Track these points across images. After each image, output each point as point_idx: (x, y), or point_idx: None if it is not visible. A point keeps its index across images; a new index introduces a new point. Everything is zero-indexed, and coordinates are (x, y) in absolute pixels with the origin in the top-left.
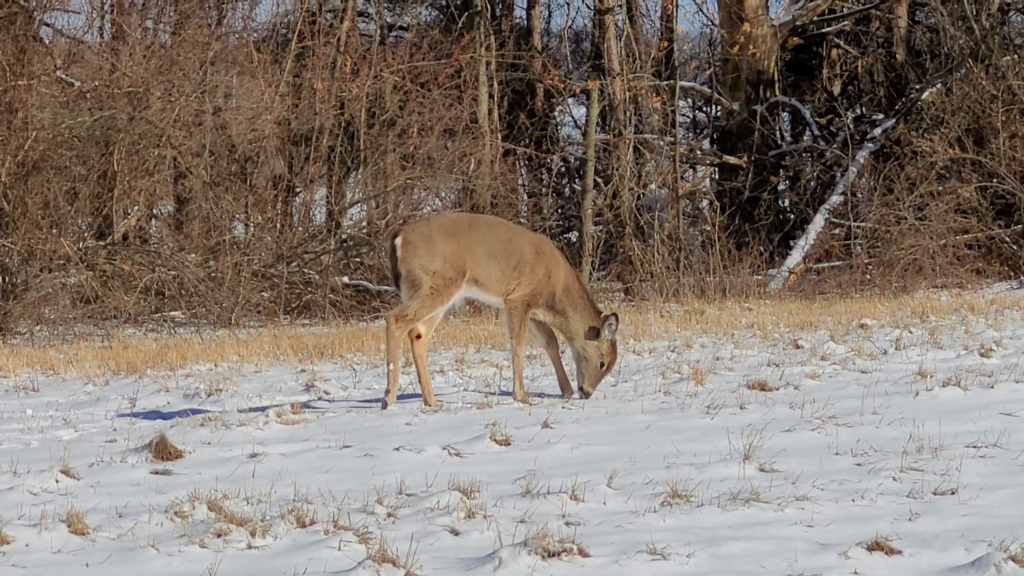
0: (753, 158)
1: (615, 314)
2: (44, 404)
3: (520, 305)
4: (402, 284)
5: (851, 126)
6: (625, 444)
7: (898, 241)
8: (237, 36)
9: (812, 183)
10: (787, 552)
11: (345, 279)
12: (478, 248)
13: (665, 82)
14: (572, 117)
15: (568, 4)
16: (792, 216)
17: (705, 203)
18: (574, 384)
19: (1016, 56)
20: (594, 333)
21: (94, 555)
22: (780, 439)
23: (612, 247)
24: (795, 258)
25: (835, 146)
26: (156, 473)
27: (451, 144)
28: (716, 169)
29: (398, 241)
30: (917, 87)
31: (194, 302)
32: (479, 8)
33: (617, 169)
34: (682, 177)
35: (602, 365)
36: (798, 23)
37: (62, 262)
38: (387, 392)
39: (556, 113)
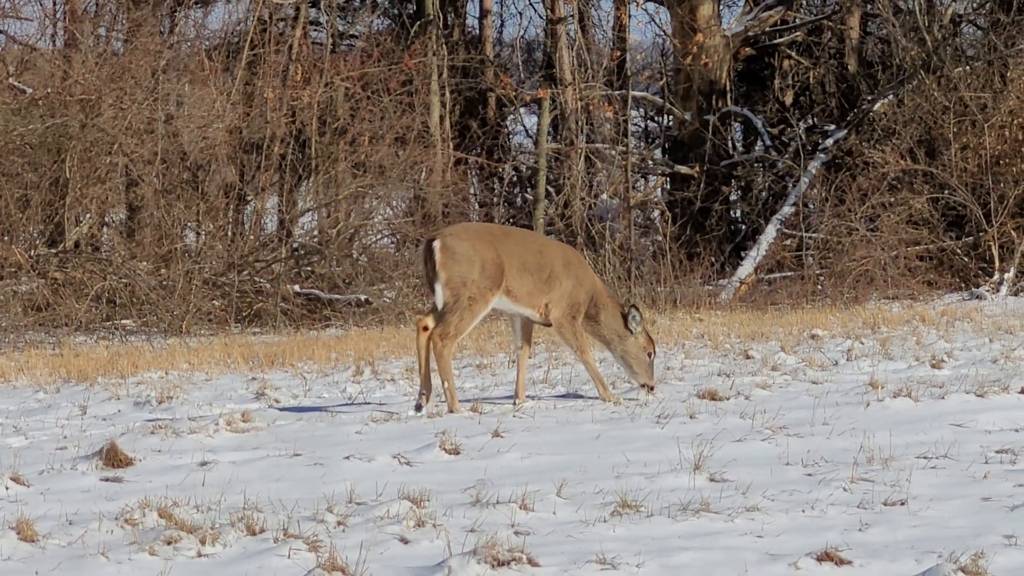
0: (705, 168)
1: (633, 305)
2: None
3: (566, 321)
4: (438, 289)
5: (803, 137)
6: (575, 454)
7: (849, 252)
8: (189, 44)
9: (764, 193)
10: (737, 562)
11: (296, 288)
12: (513, 259)
13: (617, 92)
14: (524, 126)
15: (520, 13)
16: (743, 226)
17: (656, 213)
18: (524, 391)
19: (968, 67)
20: (624, 324)
21: (44, 562)
22: (730, 449)
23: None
24: (746, 268)
25: (787, 156)
26: (106, 480)
27: (402, 152)
28: (668, 179)
29: (436, 245)
30: (869, 98)
31: (145, 310)
32: (431, 16)
33: (569, 179)
34: (634, 187)
35: (649, 356)
36: (750, 34)
37: (13, 270)
38: (450, 411)
39: (508, 122)
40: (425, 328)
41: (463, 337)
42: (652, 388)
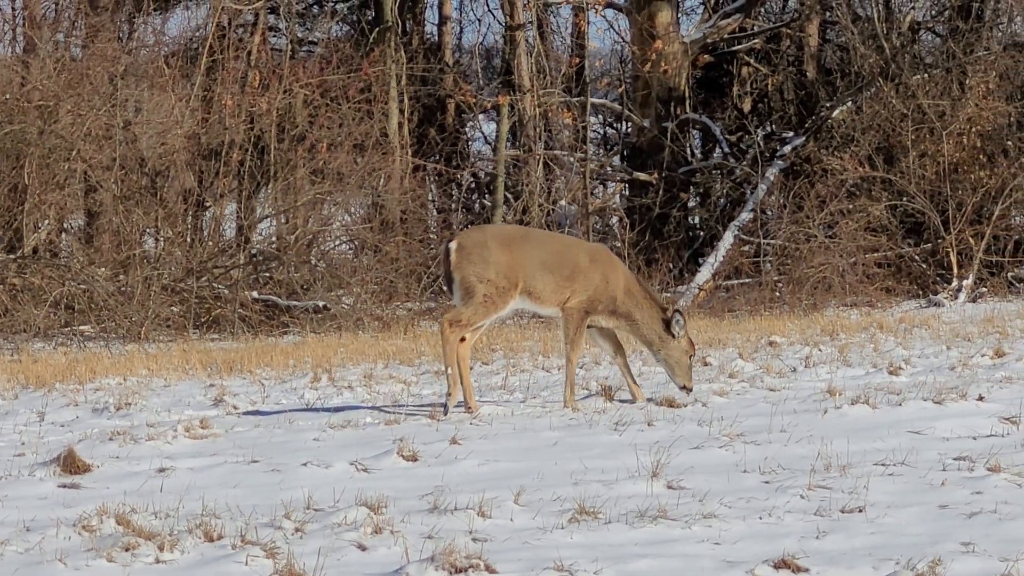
0: (663, 175)
1: (677, 310)
2: None
3: (577, 312)
4: (455, 289)
5: (761, 143)
6: (533, 460)
7: (808, 259)
8: (148, 50)
9: (722, 200)
10: (694, 570)
11: (254, 294)
12: (531, 260)
13: (576, 98)
14: (482, 133)
15: (479, 20)
16: (702, 233)
17: (615, 219)
18: (640, 390)
19: (926, 75)
20: (665, 327)
21: (1, 569)
22: (688, 456)
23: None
24: (704, 275)
25: (745, 163)
26: (64, 487)
27: (361, 159)
28: (626, 185)
29: (452, 246)
30: (827, 105)
31: (104, 316)
32: (390, 23)
33: (527, 185)
34: (592, 193)
35: (691, 358)
36: (709, 41)
37: None
38: (448, 396)
39: (466, 129)
40: (463, 339)
41: (472, 329)
42: (690, 389)
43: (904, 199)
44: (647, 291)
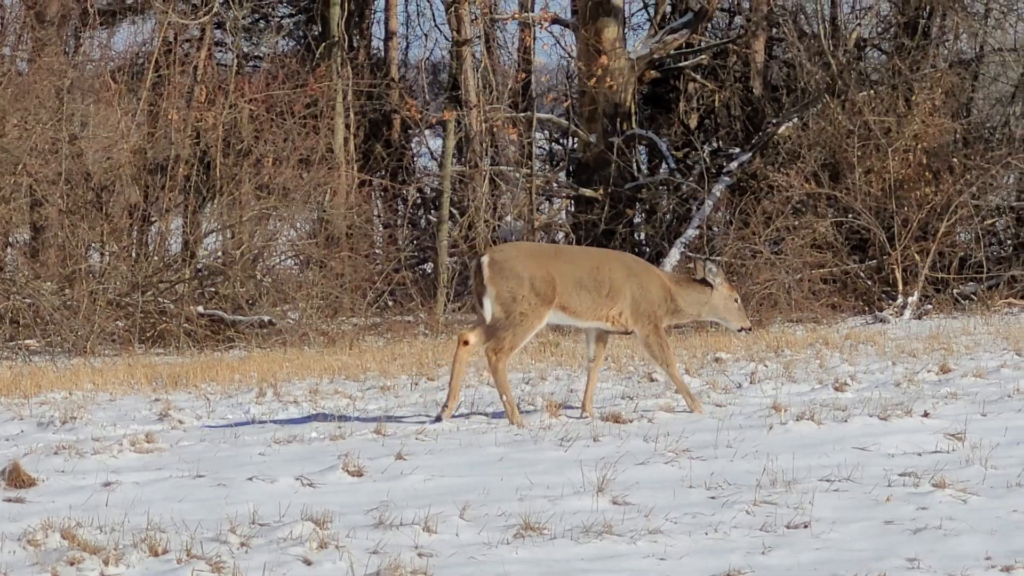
0: (609, 191)
1: (706, 260)
2: None
3: (651, 333)
4: (486, 304)
5: (707, 159)
6: (478, 476)
7: (753, 275)
8: (94, 65)
9: (668, 216)
10: None
11: (200, 309)
12: (566, 276)
13: (522, 114)
14: (428, 148)
15: (426, 35)
16: (648, 249)
17: (561, 235)
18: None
19: (872, 91)
20: (705, 287)
21: None
22: (634, 472)
23: (467, 279)
24: None
25: (691, 179)
26: (9, 501)
27: (307, 174)
28: (572, 201)
29: (484, 260)
30: (773, 121)
31: (49, 330)
32: (336, 38)
33: (473, 201)
34: (538, 209)
35: (737, 301)
36: (655, 56)
37: None
38: (511, 423)
39: (412, 144)
40: (466, 342)
41: (517, 351)
42: (750, 328)
43: (850, 215)
44: (678, 278)
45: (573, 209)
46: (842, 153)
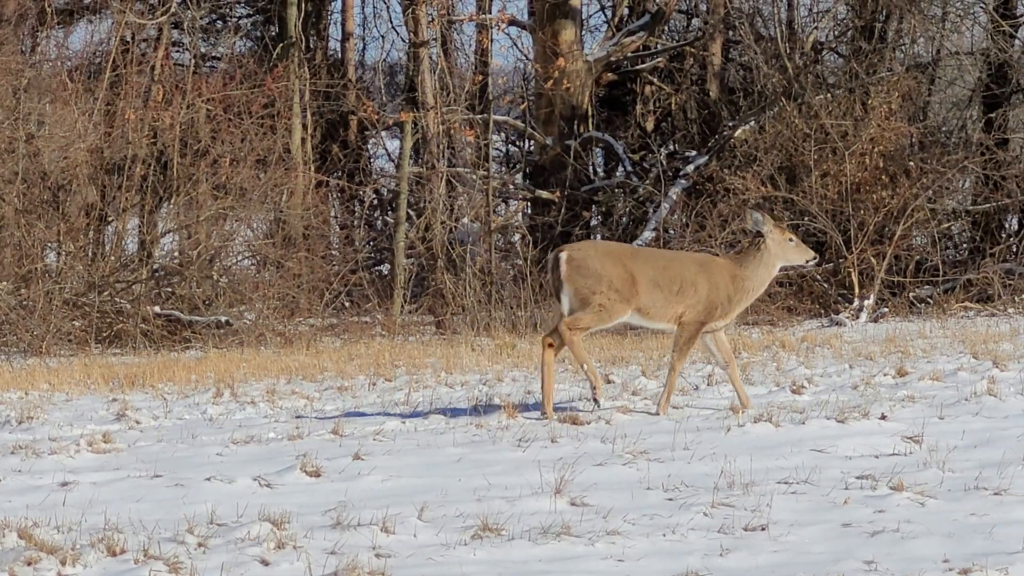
0: (566, 193)
1: (749, 211)
2: None
3: (693, 325)
4: (564, 299)
5: (664, 162)
6: (436, 477)
7: None
8: (51, 64)
9: (624, 219)
10: None
11: (156, 309)
12: (641, 276)
13: (479, 116)
14: (385, 149)
15: (383, 37)
16: None
17: (517, 237)
18: (747, 397)
19: (829, 95)
20: (760, 246)
21: None
22: (591, 473)
23: (424, 280)
24: None
25: (648, 182)
26: None
27: (263, 175)
28: (529, 203)
29: (563, 256)
30: (730, 124)
31: (4, 330)
32: (293, 39)
33: (430, 202)
34: (495, 211)
35: (792, 240)
36: (612, 59)
37: None
38: (594, 389)
39: (369, 145)
40: (551, 345)
41: (590, 332)
42: (816, 258)
43: (806, 219)
44: (737, 257)
45: (529, 211)
46: (798, 156)
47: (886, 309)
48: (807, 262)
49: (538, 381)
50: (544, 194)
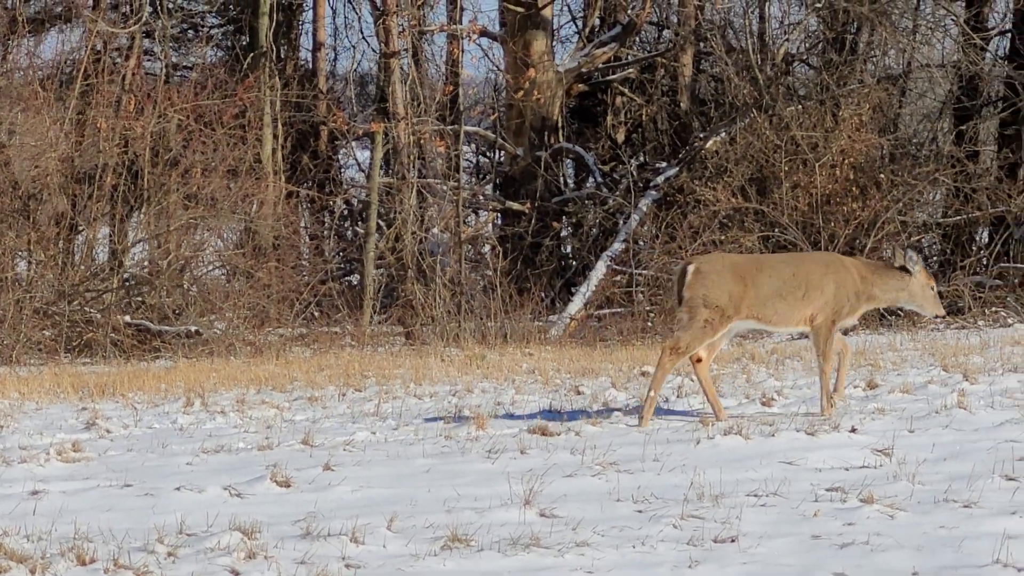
0: (536, 204)
1: (906, 248)
2: None
3: (824, 327)
4: (679, 308)
5: (634, 173)
6: (406, 487)
7: None
8: (22, 73)
9: (594, 230)
10: None
11: (127, 318)
12: (764, 289)
13: (449, 126)
14: (356, 160)
15: (354, 47)
16: (574, 262)
17: (487, 248)
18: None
19: (800, 107)
20: (903, 274)
21: None
22: (561, 484)
23: (394, 291)
24: (576, 304)
25: (618, 193)
26: None
27: (234, 184)
28: (499, 214)
29: (691, 268)
30: (701, 136)
31: None
32: (264, 49)
33: (400, 213)
34: (465, 222)
35: (933, 288)
36: (583, 70)
37: None
38: (641, 418)
39: (340, 155)
40: (699, 360)
41: (688, 355)
42: (944, 315)
43: (776, 230)
44: (875, 265)
45: (500, 222)
46: (769, 168)
47: (856, 322)
48: (935, 315)
49: (508, 392)
50: (514, 205)
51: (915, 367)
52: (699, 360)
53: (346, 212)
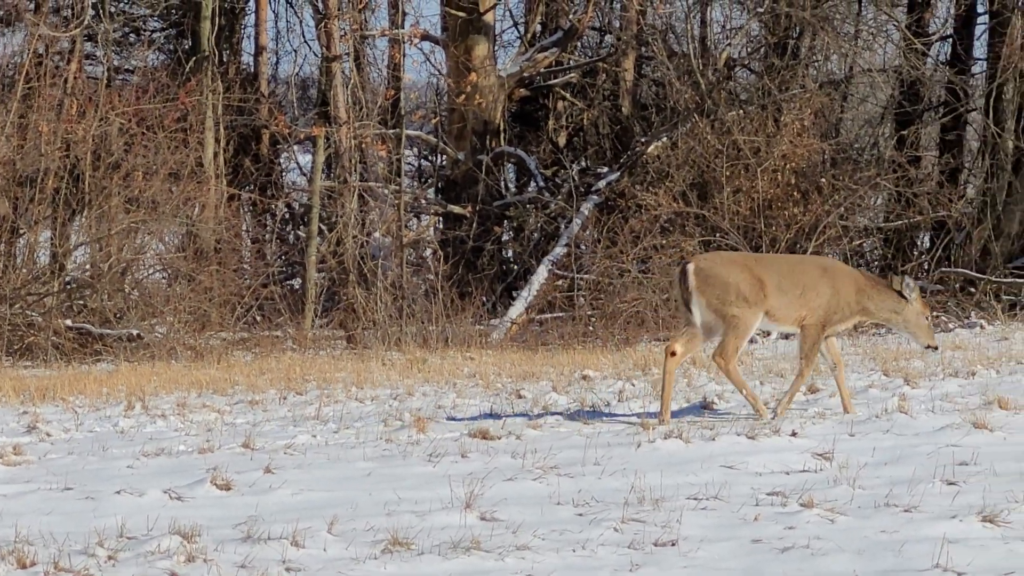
0: (478, 208)
1: (904, 274)
2: None
3: (814, 328)
4: (695, 311)
5: (576, 178)
6: (347, 491)
7: (621, 293)
8: None
9: (536, 234)
10: None
11: (68, 322)
12: (768, 281)
13: (391, 130)
14: (297, 163)
15: (296, 51)
16: (515, 266)
17: (429, 252)
18: (851, 404)
19: (741, 111)
20: (899, 298)
21: None
22: (502, 488)
23: (335, 294)
24: (518, 308)
25: (559, 198)
26: None
27: (176, 188)
28: (440, 218)
29: (690, 268)
30: (642, 140)
31: None
32: (206, 53)
33: (341, 216)
34: (406, 226)
35: (927, 319)
36: (525, 74)
37: None
38: (757, 412)
39: (281, 159)
40: (673, 353)
41: (741, 352)
42: (936, 347)
43: (718, 235)
44: (875, 280)
45: (441, 226)
46: (711, 172)
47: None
48: (926, 346)
49: (449, 396)
50: (456, 209)
51: (856, 371)
52: (673, 353)
53: (287, 216)
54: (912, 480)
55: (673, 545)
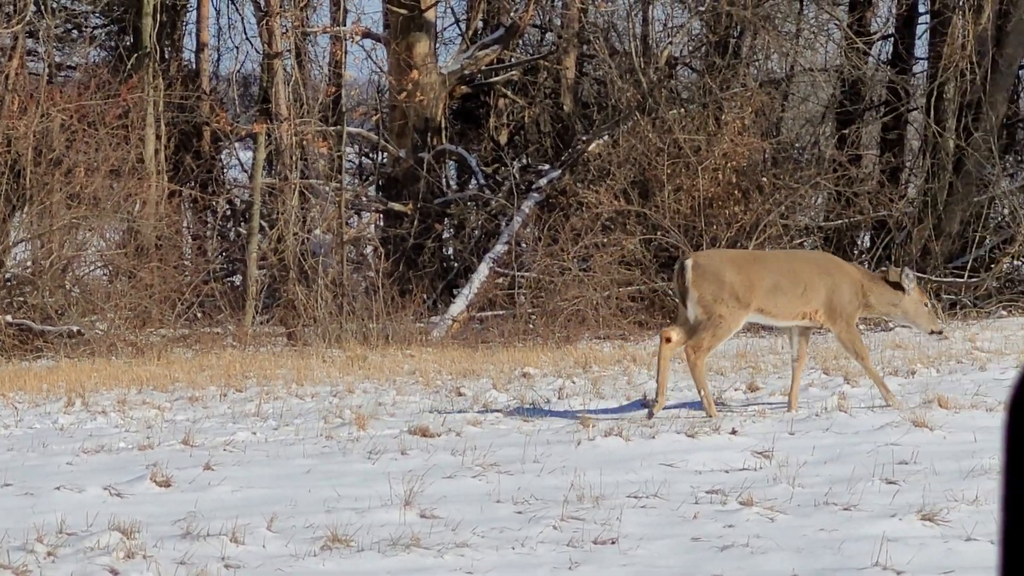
0: (419, 205)
1: (903, 267)
2: None
3: (844, 329)
4: (689, 305)
5: (517, 176)
6: (286, 488)
7: (562, 291)
8: None
9: (477, 232)
10: None
11: (8, 318)
12: (764, 281)
13: (332, 127)
14: (239, 160)
15: (237, 48)
16: (456, 264)
17: (370, 249)
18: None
19: (682, 110)
20: (895, 289)
21: None
22: (441, 485)
23: (276, 291)
24: (458, 306)
25: (500, 195)
26: None
27: (117, 184)
28: (381, 216)
29: (688, 263)
30: (584, 138)
31: None
32: (148, 49)
33: (282, 214)
34: (347, 223)
35: (927, 305)
36: (466, 72)
37: None
38: (708, 416)
39: (223, 156)
40: (668, 339)
41: (715, 351)
42: (941, 331)
43: (659, 233)
44: (872, 275)
45: (382, 223)
46: (652, 171)
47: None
48: (931, 332)
49: (389, 393)
50: (397, 206)
51: None
52: (668, 340)
53: (229, 212)
54: (852, 479)
55: (613, 543)
